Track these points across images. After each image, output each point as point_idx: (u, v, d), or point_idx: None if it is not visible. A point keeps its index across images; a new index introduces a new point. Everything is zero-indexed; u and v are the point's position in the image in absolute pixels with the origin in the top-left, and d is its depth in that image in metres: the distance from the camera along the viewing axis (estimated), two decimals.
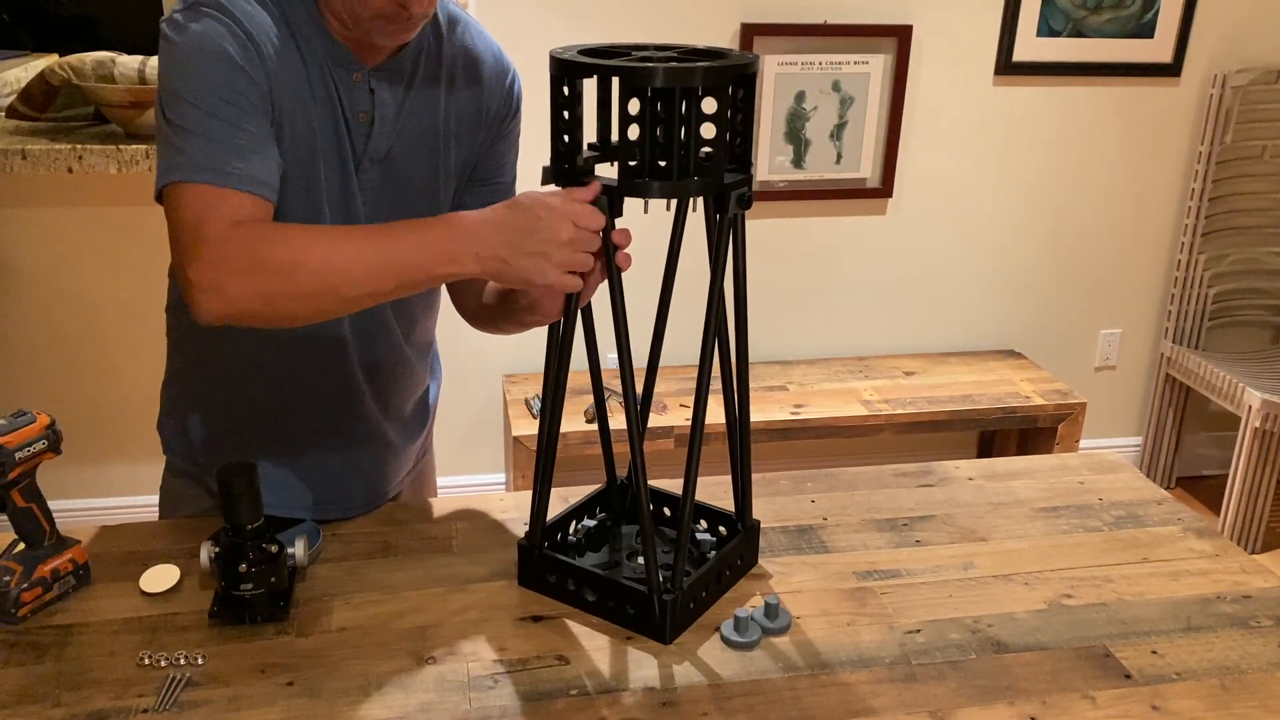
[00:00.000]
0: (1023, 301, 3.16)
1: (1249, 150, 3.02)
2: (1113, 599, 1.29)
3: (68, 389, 2.72)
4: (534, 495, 1.25)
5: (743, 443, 1.28)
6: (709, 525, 1.35)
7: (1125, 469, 1.61)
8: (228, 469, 1.18)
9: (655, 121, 1.08)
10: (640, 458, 1.18)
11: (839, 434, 2.76)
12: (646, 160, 1.10)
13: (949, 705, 1.11)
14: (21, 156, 2.09)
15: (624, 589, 1.20)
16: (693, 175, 1.10)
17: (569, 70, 1.10)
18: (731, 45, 2.75)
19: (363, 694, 1.10)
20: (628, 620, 1.21)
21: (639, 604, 1.19)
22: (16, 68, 2.45)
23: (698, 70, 1.05)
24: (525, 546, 1.27)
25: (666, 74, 1.04)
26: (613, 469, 1.40)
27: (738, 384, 1.25)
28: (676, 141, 1.08)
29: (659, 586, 1.18)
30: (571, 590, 1.24)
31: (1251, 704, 1.12)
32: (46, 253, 2.61)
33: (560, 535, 1.32)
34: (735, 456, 1.29)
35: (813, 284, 3.03)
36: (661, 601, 1.17)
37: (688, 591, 1.20)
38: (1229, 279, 3.14)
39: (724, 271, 1.16)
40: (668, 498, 1.39)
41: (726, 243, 1.16)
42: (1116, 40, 2.90)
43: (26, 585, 1.20)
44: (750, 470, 1.30)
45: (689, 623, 1.22)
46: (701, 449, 1.18)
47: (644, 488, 1.17)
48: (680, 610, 1.19)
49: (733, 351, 1.24)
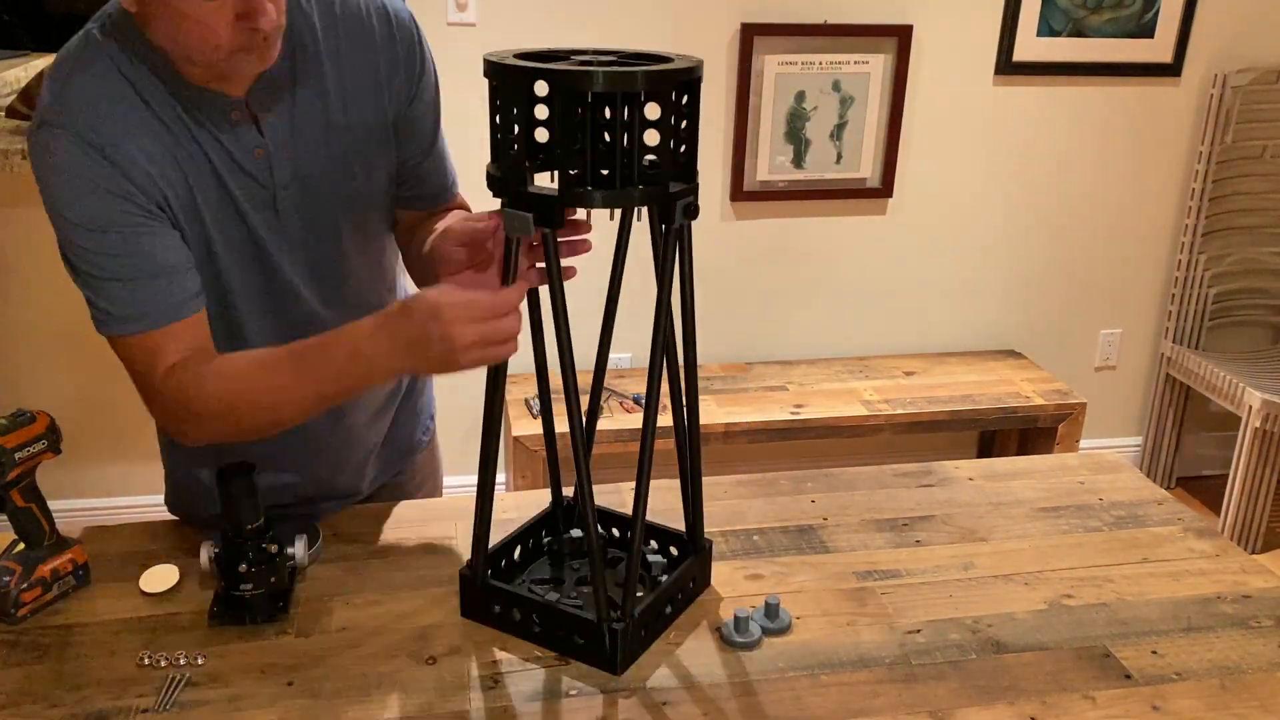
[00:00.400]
0: (1023, 301, 3.16)
1: (1249, 150, 3.01)
2: (1113, 599, 1.29)
3: (68, 389, 2.72)
4: (475, 520, 1.18)
5: (693, 460, 1.23)
6: (659, 546, 1.30)
7: (1125, 469, 1.61)
8: (228, 469, 1.18)
9: (596, 128, 1.03)
10: (588, 483, 1.13)
11: (839, 434, 2.76)
12: (588, 169, 1.04)
13: (949, 705, 1.11)
14: (22, 156, 2.09)
15: (572, 619, 1.15)
16: (636, 184, 1.05)
17: (505, 75, 1.04)
18: (731, 45, 2.75)
19: (363, 694, 1.10)
20: (576, 651, 1.16)
21: (588, 634, 1.14)
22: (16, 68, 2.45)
23: (639, 75, 1.01)
24: (467, 576, 1.21)
25: (607, 78, 1.00)
26: (558, 485, 1.34)
27: (687, 399, 1.20)
28: (619, 149, 1.03)
29: (608, 616, 1.13)
30: (517, 621, 1.19)
31: (1251, 704, 1.12)
32: (46, 253, 2.60)
33: (504, 561, 1.26)
34: (685, 475, 1.24)
35: (813, 284, 3.03)
36: (612, 631, 1.12)
37: (638, 619, 1.15)
38: (1229, 279, 3.14)
39: (671, 283, 1.11)
40: (616, 518, 1.34)
41: (673, 254, 1.11)
42: (1116, 40, 2.90)
43: (26, 585, 1.20)
44: (700, 488, 1.25)
45: (640, 651, 1.17)
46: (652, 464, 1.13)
47: (592, 512, 1.13)
48: (632, 639, 1.15)
49: (681, 365, 1.19)
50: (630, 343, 2.91)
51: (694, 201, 1.11)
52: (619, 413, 2.69)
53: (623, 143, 1.03)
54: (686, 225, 1.12)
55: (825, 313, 3.07)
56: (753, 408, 2.75)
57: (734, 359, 3.06)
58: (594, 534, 1.14)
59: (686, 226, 1.12)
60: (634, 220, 1.16)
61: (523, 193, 1.07)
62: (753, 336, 3.05)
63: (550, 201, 1.06)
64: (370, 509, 1.46)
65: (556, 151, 1.06)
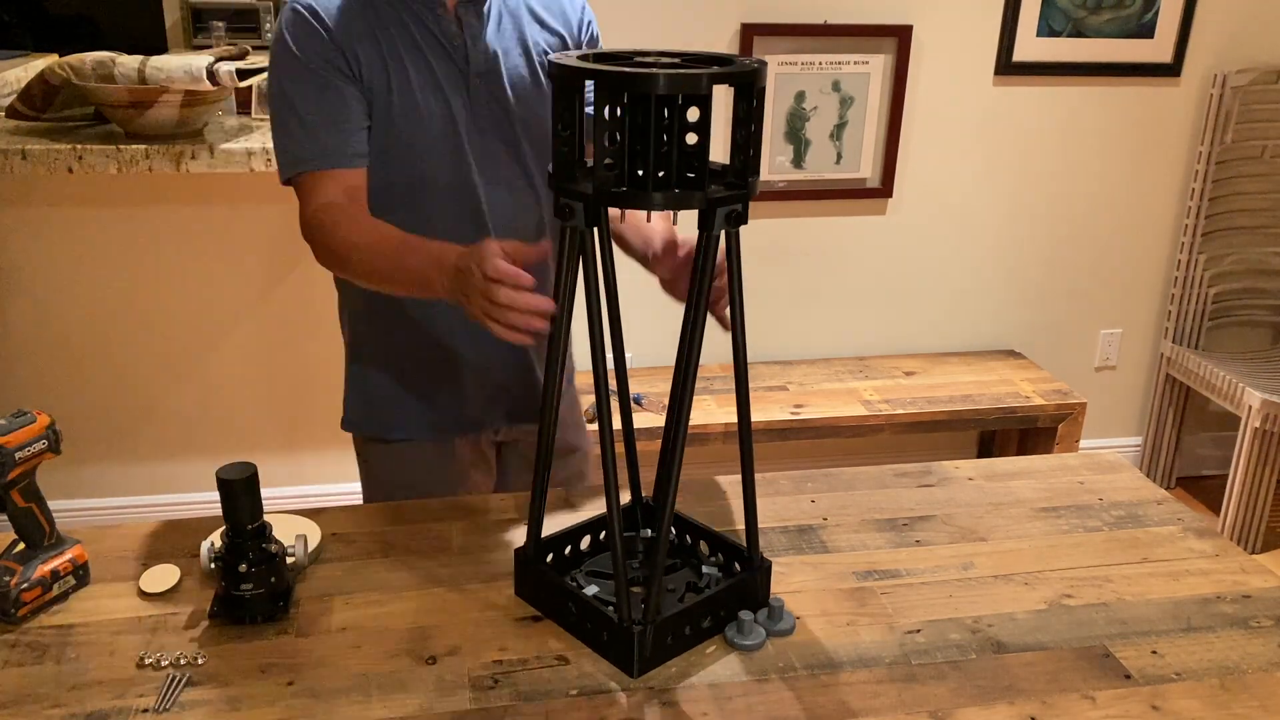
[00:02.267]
0: (1023, 301, 3.16)
1: (1249, 150, 3.02)
2: (1113, 599, 1.29)
3: (68, 389, 2.72)
4: (532, 502, 1.23)
5: (746, 475, 1.22)
6: (724, 559, 1.29)
7: (1125, 469, 1.61)
8: (228, 469, 1.18)
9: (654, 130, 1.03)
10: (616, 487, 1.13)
11: (839, 434, 2.76)
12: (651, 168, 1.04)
13: (949, 705, 1.11)
14: (21, 156, 2.09)
15: (599, 614, 1.16)
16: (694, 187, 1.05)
17: (569, 75, 1.05)
18: (731, 46, 2.75)
19: (363, 694, 1.10)
20: (601, 647, 1.16)
21: (612, 632, 1.15)
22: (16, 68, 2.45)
23: (704, 78, 1.01)
24: (521, 556, 1.25)
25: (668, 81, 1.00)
26: (637, 483, 1.35)
27: (739, 415, 1.20)
28: (676, 151, 1.03)
29: (630, 617, 1.13)
30: (555, 607, 1.21)
31: (1251, 704, 1.12)
32: (46, 253, 2.61)
33: (569, 549, 1.30)
34: (747, 488, 1.23)
35: (813, 284, 3.03)
36: (629, 632, 1.12)
37: (664, 625, 1.14)
38: (1229, 279, 3.14)
39: (706, 291, 1.11)
40: (691, 527, 1.33)
41: (711, 261, 1.10)
42: (1116, 40, 2.90)
43: (26, 585, 1.20)
44: (755, 502, 1.23)
45: (665, 659, 1.16)
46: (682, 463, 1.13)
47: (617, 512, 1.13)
48: (654, 645, 1.14)
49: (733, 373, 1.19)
50: (631, 343, 2.91)
51: (740, 209, 1.10)
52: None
53: (679, 145, 1.03)
54: (735, 232, 1.11)
55: (825, 313, 3.07)
56: (753, 408, 2.74)
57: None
58: (617, 535, 1.14)
59: (735, 233, 1.12)
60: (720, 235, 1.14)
61: (577, 191, 1.09)
62: (753, 336, 3.05)
63: (606, 202, 1.07)
64: (370, 509, 1.46)
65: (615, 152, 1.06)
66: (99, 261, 2.64)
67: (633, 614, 1.13)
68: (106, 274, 2.65)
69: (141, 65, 2.16)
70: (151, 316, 2.71)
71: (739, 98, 1.07)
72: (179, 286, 2.69)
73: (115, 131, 2.21)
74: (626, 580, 1.15)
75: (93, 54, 2.19)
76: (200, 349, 2.76)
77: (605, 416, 1.10)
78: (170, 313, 2.71)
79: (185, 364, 2.76)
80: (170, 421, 2.79)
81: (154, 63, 2.16)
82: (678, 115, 1.03)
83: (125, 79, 2.16)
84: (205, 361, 2.77)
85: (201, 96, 2.15)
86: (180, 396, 2.78)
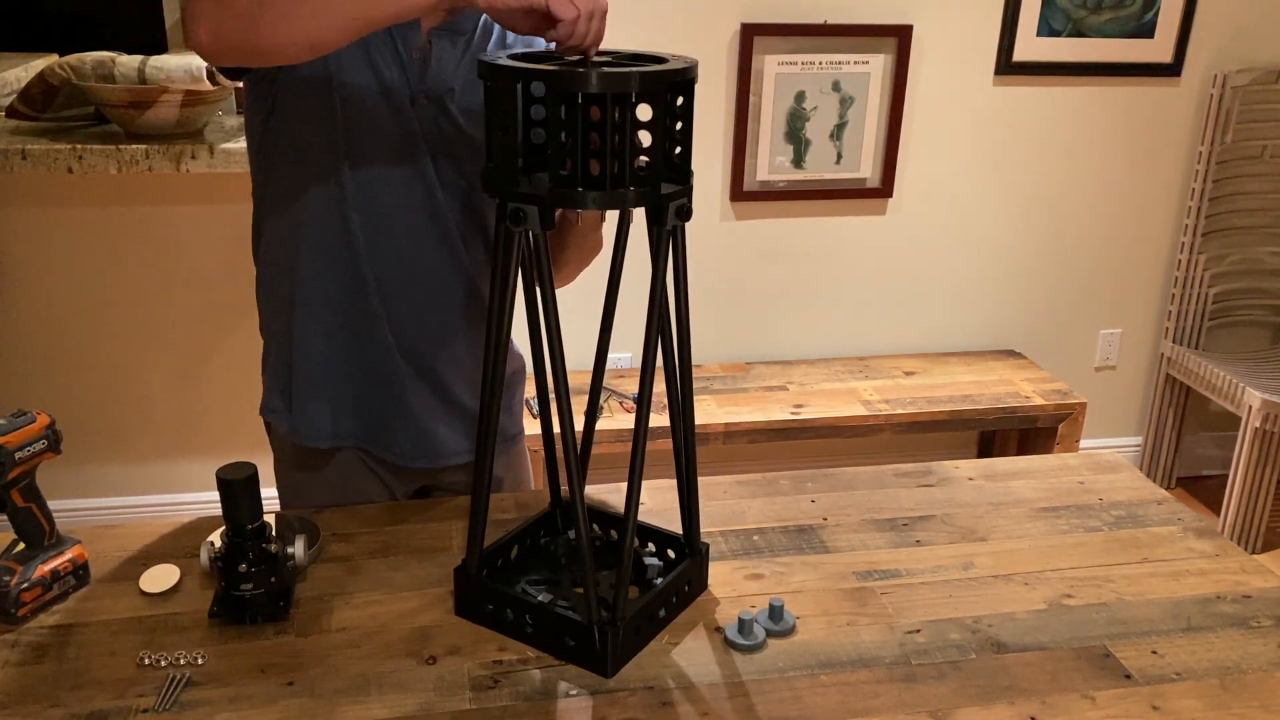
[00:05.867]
0: (1023, 301, 3.16)
1: (1249, 150, 3.02)
2: (1113, 599, 1.29)
3: (68, 389, 2.72)
4: (471, 520, 1.20)
5: (689, 462, 1.23)
6: (657, 548, 1.31)
7: (1125, 469, 1.61)
8: (228, 469, 1.18)
9: (588, 129, 1.04)
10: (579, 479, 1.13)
11: (839, 434, 2.76)
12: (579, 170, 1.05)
13: (949, 705, 1.11)
14: (21, 156, 2.09)
15: (563, 620, 1.15)
16: (629, 185, 1.05)
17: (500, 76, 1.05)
18: (731, 46, 2.75)
19: (363, 694, 1.10)
20: (567, 653, 1.15)
21: (579, 636, 1.14)
22: (16, 68, 2.45)
23: (633, 76, 1.02)
24: (462, 572, 1.21)
25: (600, 80, 1.01)
26: (557, 486, 1.34)
27: (682, 401, 1.20)
28: (610, 150, 1.03)
29: (598, 618, 1.13)
30: (510, 621, 1.19)
31: (1251, 704, 1.12)
32: (46, 253, 2.61)
33: (500, 561, 1.27)
34: (681, 477, 1.24)
35: (813, 284, 3.03)
36: (601, 633, 1.12)
37: (630, 621, 1.14)
38: (1229, 279, 3.14)
39: (664, 283, 1.12)
40: (615, 520, 1.34)
41: (666, 255, 1.11)
42: (1116, 40, 2.90)
43: (26, 585, 1.20)
44: (696, 490, 1.25)
45: (633, 653, 1.17)
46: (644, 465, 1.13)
47: (583, 513, 1.13)
48: (623, 641, 1.14)
49: (677, 366, 1.20)
50: (632, 343, 2.91)
51: (687, 203, 1.12)
52: (619, 413, 2.69)
53: (614, 144, 1.03)
54: (680, 226, 1.13)
55: (825, 313, 3.07)
56: (753, 408, 2.75)
57: (734, 359, 3.06)
58: (585, 535, 1.14)
59: (680, 227, 1.13)
60: (630, 221, 1.17)
61: (516, 193, 1.08)
62: (753, 336, 3.05)
63: (543, 202, 1.07)
64: (371, 509, 1.46)
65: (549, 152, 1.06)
66: (99, 261, 2.64)
67: (599, 615, 1.13)
68: (107, 274, 2.65)
69: (141, 65, 2.17)
70: (152, 316, 2.71)
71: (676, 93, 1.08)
72: (179, 286, 2.69)
73: (115, 131, 2.21)
74: (595, 583, 1.14)
75: (93, 54, 2.19)
76: (200, 349, 2.76)
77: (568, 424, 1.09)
78: (170, 312, 2.71)
79: (185, 364, 2.76)
80: (170, 421, 2.79)
81: (154, 63, 2.16)
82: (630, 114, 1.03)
83: (125, 79, 2.16)
84: (205, 361, 2.77)
85: (201, 96, 2.15)
86: (180, 396, 2.78)
